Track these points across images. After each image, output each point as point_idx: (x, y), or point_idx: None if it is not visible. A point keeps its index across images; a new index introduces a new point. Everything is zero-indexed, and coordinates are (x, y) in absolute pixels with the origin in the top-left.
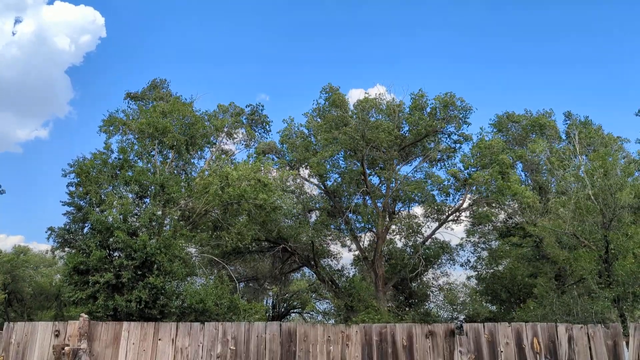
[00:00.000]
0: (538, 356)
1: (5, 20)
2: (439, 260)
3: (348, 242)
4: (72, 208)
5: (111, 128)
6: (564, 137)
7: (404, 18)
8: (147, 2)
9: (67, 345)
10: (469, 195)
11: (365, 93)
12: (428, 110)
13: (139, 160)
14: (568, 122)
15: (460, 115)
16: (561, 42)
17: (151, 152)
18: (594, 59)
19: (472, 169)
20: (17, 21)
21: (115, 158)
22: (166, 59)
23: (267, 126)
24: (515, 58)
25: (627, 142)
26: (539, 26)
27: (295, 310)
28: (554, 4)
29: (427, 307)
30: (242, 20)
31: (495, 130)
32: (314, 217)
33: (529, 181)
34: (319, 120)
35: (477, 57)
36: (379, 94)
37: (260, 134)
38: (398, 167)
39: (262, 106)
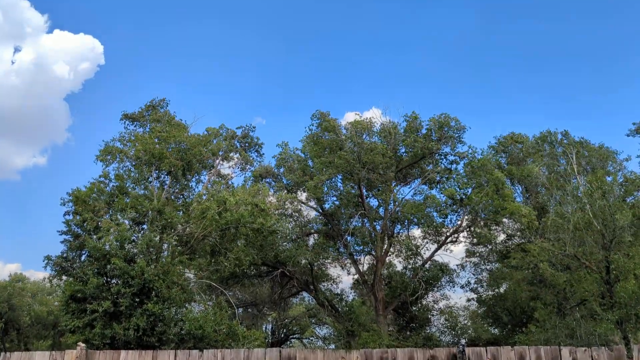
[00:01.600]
0: None
1: (5, 49)
2: (439, 283)
3: (347, 265)
4: (69, 236)
5: (108, 157)
6: (561, 157)
7: (399, 41)
8: (145, 29)
9: None
10: (466, 217)
11: (356, 114)
12: (423, 131)
13: (136, 187)
14: (565, 141)
15: (455, 135)
16: (553, 66)
17: (148, 178)
18: (587, 81)
19: (468, 189)
20: (17, 50)
21: (112, 186)
22: (164, 86)
23: (260, 149)
24: (510, 82)
25: (628, 161)
26: (535, 51)
27: (294, 336)
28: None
29: (428, 331)
30: (238, 46)
31: (493, 152)
32: (312, 240)
33: (529, 202)
34: (313, 145)
35: (471, 82)
36: (371, 117)
37: (254, 157)
38: (396, 189)
39: (254, 127)
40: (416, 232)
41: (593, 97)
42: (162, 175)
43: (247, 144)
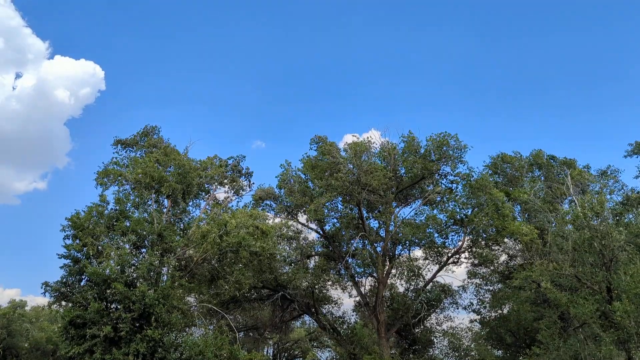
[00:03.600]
0: None
1: (6, 75)
2: (442, 304)
3: (349, 288)
4: (68, 261)
5: (106, 180)
6: (556, 175)
7: (397, 66)
8: (146, 56)
9: None
10: (467, 237)
11: (353, 136)
12: (422, 152)
13: (135, 211)
14: (555, 163)
15: (456, 155)
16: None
17: (148, 201)
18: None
19: (468, 210)
20: (18, 76)
21: (112, 209)
22: (163, 110)
23: (250, 177)
24: (504, 105)
25: (622, 173)
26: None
27: None
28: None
29: (431, 353)
30: (238, 71)
31: (490, 172)
32: (312, 262)
33: (527, 222)
34: (312, 169)
35: (468, 104)
36: (370, 138)
37: (245, 184)
38: (397, 209)
39: (244, 157)
40: (417, 252)
41: (586, 117)
42: (162, 199)
43: (238, 173)
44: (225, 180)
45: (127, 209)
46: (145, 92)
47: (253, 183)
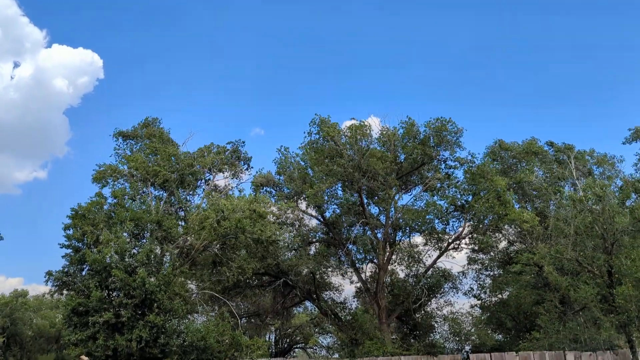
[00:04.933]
0: None
1: (4, 64)
2: (442, 289)
3: (349, 274)
4: (70, 250)
5: (103, 179)
6: (553, 161)
7: (396, 53)
8: (145, 43)
9: None
10: (468, 224)
11: (353, 119)
12: (421, 137)
13: (133, 202)
14: (553, 149)
15: (454, 139)
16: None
17: (143, 193)
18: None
19: (469, 196)
20: (16, 65)
21: (110, 204)
22: (163, 99)
23: (249, 162)
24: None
25: (621, 162)
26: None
27: (298, 346)
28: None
29: (432, 338)
30: (236, 59)
31: (490, 159)
32: (313, 249)
33: (529, 208)
34: (313, 153)
35: (467, 89)
36: (370, 123)
37: (244, 169)
38: (397, 196)
39: (243, 142)
40: (418, 239)
41: (586, 102)
42: (158, 190)
43: (237, 158)
44: (225, 167)
45: (124, 200)
46: (144, 80)
47: (252, 167)
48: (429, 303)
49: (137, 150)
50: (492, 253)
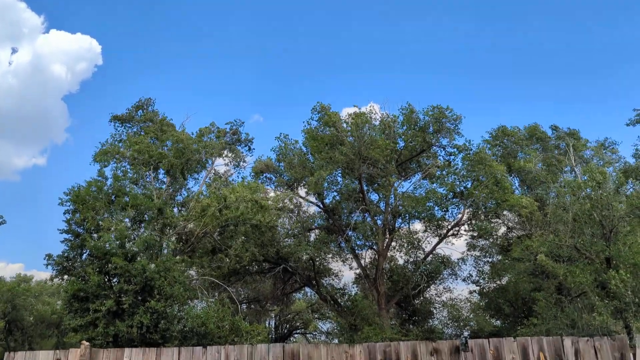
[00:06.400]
0: None
1: (2, 50)
2: (441, 276)
3: (349, 260)
4: (69, 235)
5: (105, 158)
6: (554, 147)
7: (394, 36)
8: (143, 28)
9: None
10: (467, 210)
11: (355, 106)
12: (421, 124)
13: (134, 187)
14: (555, 134)
15: (452, 127)
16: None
17: (146, 178)
18: (577, 68)
19: (467, 182)
20: (14, 51)
21: (110, 186)
22: (161, 84)
23: (250, 144)
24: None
25: (618, 144)
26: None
27: (298, 331)
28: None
29: (430, 324)
30: (234, 44)
31: (489, 146)
32: (313, 236)
33: (527, 194)
34: (313, 140)
35: (467, 74)
36: (371, 109)
37: (244, 152)
38: (397, 183)
39: (242, 123)
40: (417, 225)
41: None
42: (160, 175)
43: (237, 140)
44: (225, 152)
45: (125, 185)
46: (143, 66)
47: (254, 149)
48: (428, 289)
49: (134, 133)
50: (491, 239)
